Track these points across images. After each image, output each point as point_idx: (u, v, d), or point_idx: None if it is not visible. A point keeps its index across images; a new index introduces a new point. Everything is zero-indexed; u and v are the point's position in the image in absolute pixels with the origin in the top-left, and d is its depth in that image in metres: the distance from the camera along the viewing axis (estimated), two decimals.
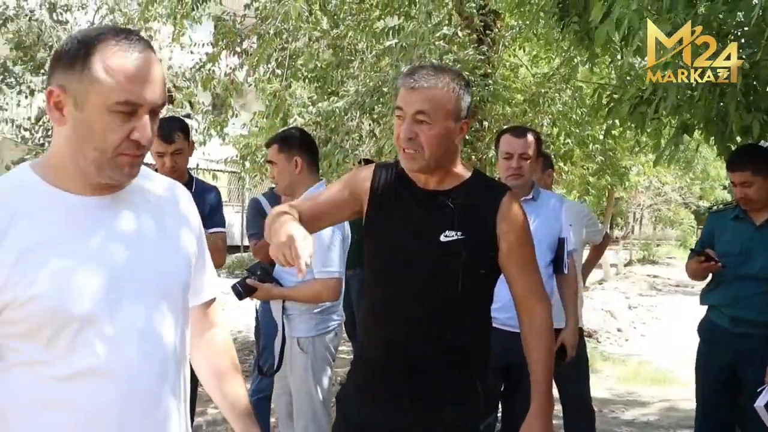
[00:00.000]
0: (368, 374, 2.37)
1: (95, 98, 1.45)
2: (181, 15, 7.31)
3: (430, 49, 5.67)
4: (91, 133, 1.47)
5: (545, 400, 2.30)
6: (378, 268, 2.35)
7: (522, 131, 3.76)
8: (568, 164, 8.55)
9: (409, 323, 2.25)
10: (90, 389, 1.48)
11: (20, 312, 1.43)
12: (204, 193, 4.09)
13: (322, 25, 7.66)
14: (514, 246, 2.27)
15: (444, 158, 2.23)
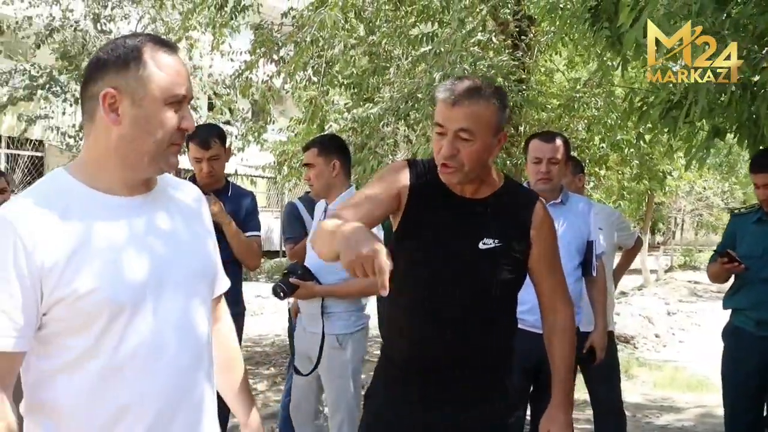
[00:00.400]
0: (398, 374, 2.43)
1: (153, 93, 1.58)
2: (219, 24, 7.46)
3: (462, 55, 5.74)
4: (151, 126, 1.59)
5: (566, 393, 2.40)
6: (414, 271, 2.37)
7: (551, 136, 3.81)
8: (603, 169, 8.54)
9: (444, 325, 2.31)
10: (135, 376, 1.59)
11: (75, 306, 1.52)
12: (240, 197, 4.20)
13: (359, 32, 7.77)
14: (544, 251, 2.37)
15: (482, 171, 2.28)
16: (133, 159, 1.61)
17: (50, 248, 1.50)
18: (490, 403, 2.35)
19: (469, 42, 6.58)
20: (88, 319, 1.54)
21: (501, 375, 2.39)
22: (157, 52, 1.61)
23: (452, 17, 5.81)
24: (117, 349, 1.57)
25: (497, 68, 6.62)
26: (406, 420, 2.36)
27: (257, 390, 7.27)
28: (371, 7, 7.52)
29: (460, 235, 2.31)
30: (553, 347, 2.43)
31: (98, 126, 1.61)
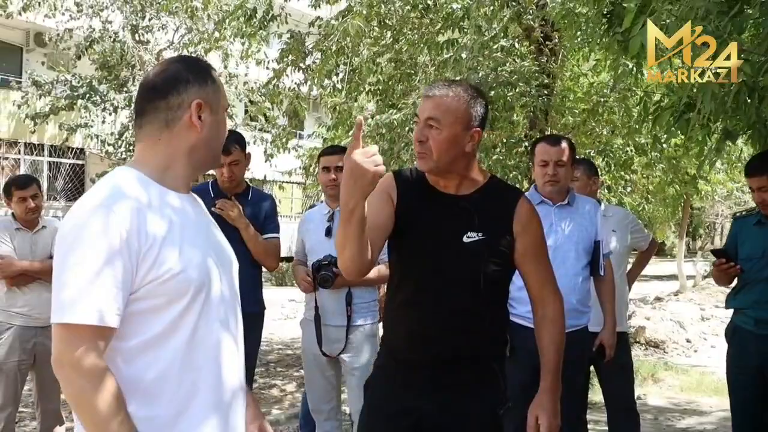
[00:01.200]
0: (394, 364, 2.56)
1: (223, 103, 1.92)
2: (248, 34, 7.64)
3: (479, 60, 5.83)
4: (221, 130, 1.93)
5: (555, 378, 2.51)
6: (406, 267, 2.54)
7: (556, 139, 3.92)
8: (629, 173, 8.54)
9: (435, 318, 2.44)
10: (208, 352, 1.82)
11: (163, 286, 1.72)
12: (260, 200, 4.36)
13: (385, 40, 7.90)
14: (529, 245, 2.47)
15: (455, 163, 2.42)
16: (205, 158, 1.91)
17: (144, 234, 1.69)
18: (481, 392, 2.46)
19: (492, 48, 6.67)
20: (173, 298, 1.74)
21: (491, 365, 2.50)
22: (213, 70, 1.94)
23: (470, 24, 5.90)
24: (196, 325, 1.78)
25: (519, 74, 6.69)
26: (401, 407, 2.47)
27: (286, 391, 7.42)
28: (396, 15, 7.64)
29: (446, 230, 2.45)
30: (543, 338, 2.54)
31: (176, 132, 1.84)
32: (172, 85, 1.84)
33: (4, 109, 18.67)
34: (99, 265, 1.63)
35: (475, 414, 2.44)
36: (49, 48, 18.05)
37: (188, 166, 1.88)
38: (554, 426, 2.44)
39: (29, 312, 4.54)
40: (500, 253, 2.44)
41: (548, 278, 2.55)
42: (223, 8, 11.85)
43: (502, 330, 2.57)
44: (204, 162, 1.92)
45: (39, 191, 4.67)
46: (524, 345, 3.58)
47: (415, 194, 2.52)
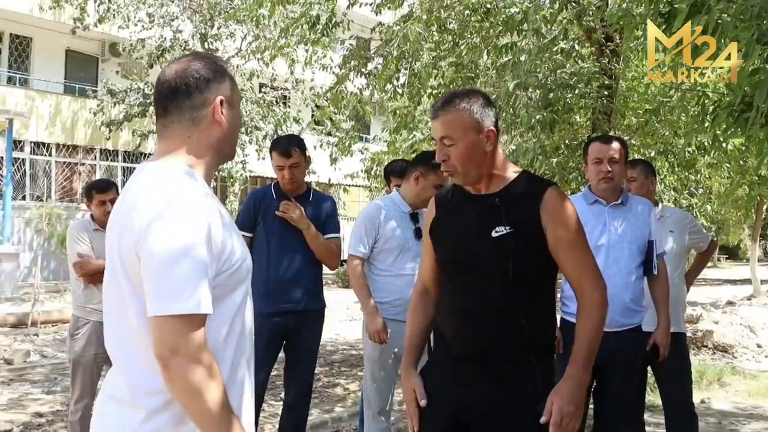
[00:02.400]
0: (444, 356, 2.66)
1: (237, 97, 2.02)
2: (312, 41, 7.82)
3: (536, 64, 5.86)
4: (239, 122, 2.04)
5: (581, 367, 2.45)
6: (445, 267, 2.68)
7: (609, 138, 3.99)
8: (692, 172, 8.42)
9: (469, 313, 2.54)
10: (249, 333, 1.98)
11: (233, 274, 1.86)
12: (321, 201, 4.51)
13: (446, 44, 7.98)
14: (560, 234, 2.49)
15: (481, 167, 2.53)
16: (228, 150, 2.01)
17: (217, 229, 1.80)
18: (517, 389, 2.48)
19: (552, 50, 6.69)
20: (237, 283, 1.88)
21: (529, 363, 2.51)
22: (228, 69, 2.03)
23: (529, 27, 5.95)
24: (246, 308, 1.95)
25: (579, 76, 6.69)
26: (445, 396, 2.57)
27: (349, 390, 7.56)
28: (456, 19, 7.71)
29: (477, 228, 2.54)
30: (580, 324, 2.51)
31: (203, 128, 1.92)
32: (195, 84, 1.91)
33: (81, 117, 19.37)
34: (194, 257, 1.72)
35: (509, 410, 2.47)
36: (123, 57, 18.69)
37: (216, 160, 1.99)
38: (567, 412, 2.38)
39: None
40: (530, 245, 2.48)
41: (586, 268, 2.54)
42: (288, 15, 12.13)
43: (542, 327, 2.58)
44: (227, 154, 2.04)
45: (117, 195, 4.89)
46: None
47: (450, 204, 2.69)
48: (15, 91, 18.80)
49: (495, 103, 6.39)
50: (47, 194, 18.78)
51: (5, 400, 6.73)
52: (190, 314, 1.69)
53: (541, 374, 2.51)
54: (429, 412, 2.61)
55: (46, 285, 15.01)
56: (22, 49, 19.83)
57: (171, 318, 1.68)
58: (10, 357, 8.54)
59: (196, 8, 16.98)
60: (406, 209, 4.26)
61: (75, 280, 4.81)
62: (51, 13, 16.20)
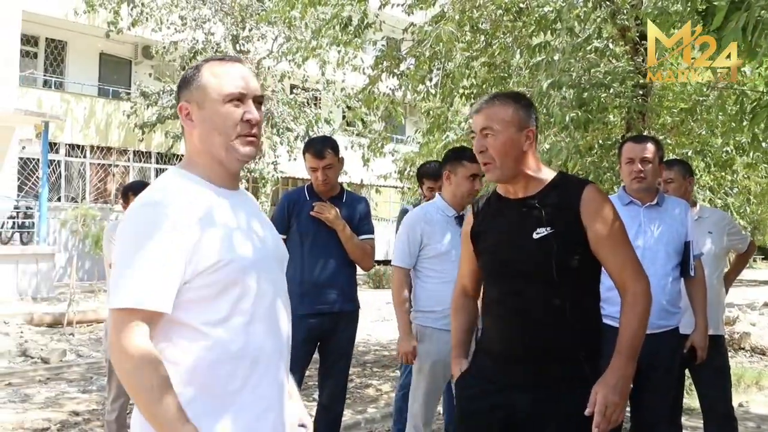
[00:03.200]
0: (488, 361, 2.66)
1: (210, 95, 1.94)
2: (344, 42, 7.83)
3: (571, 63, 5.81)
4: (214, 123, 1.94)
5: (624, 359, 2.45)
6: (487, 272, 2.72)
7: (642, 138, 3.97)
8: (729, 172, 8.30)
9: (519, 315, 2.54)
10: (263, 331, 1.94)
11: (218, 274, 1.84)
12: (355, 202, 4.51)
13: (479, 44, 7.94)
14: (601, 231, 2.50)
15: (517, 164, 2.55)
16: (215, 153, 1.96)
17: (193, 229, 1.82)
18: (568, 390, 2.48)
19: (586, 49, 6.63)
20: (225, 286, 1.85)
21: (579, 363, 2.51)
22: (213, 65, 1.99)
23: (563, 26, 5.90)
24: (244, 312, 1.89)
25: (613, 74, 6.62)
26: (492, 403, 2.56)
27: (382, 391, 7.56)
28: (489, 19, 7.67)
29: (518, 231, 2.56)
30: (623, 318, 2.52)
31: (186, 134, 2.01)
32: (176, 94, 2.06)
33: (115, 119, 19.61)
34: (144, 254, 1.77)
35: (562, 412, 2.47)
36: (156, 60, 18.86)
37: (214, 161, 1.96)
38: (611, 401, 2.37)
39: None
40: (572, 245, 2.49)
41: (628, 262, 2.55)
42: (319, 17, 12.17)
43: (589, 326, 2.59)
44: (219, 158, 1.95)
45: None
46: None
47: (489, 210, 2.72)
48: (51, 94, 19.08)
49: None
50: (82, 195, 19.02)
51: (42, 398, 6.82)
52: (124, 308, 1.75)
53: (592, 374, 2.51)
54: (477, 421, 2.60)
55: (81, 285, 15.21)
56: (57, 53, 20.13)
57: (112, 311, 1.78)
58: (47, 356, 8.66)
59: (228, 11, 17.10)
60: (450, 212, 4.16)
61: (111, 280, 4.86)
62: (85, 17, 16.42)
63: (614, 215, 2.54)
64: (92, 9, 15.75)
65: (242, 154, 1.97)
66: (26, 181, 17.43)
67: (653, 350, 3.59)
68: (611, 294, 3.69)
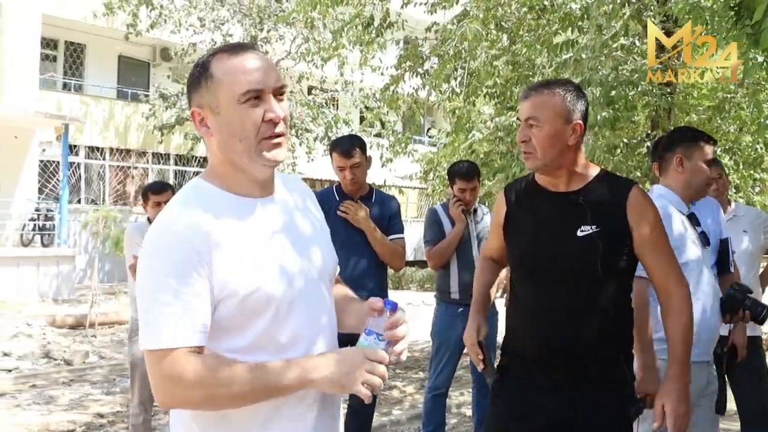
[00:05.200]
0: (523, 364, 2.56)
1: (224, 98, 1.67)
2: (367, 42, 7.79)
3: (601, 61, 5.74)
4: (233, 128, 1.68)
5: (682, 367, 2.43)
6: (524, 270, 2.59)
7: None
8: (758, 170, 8.19)
9: (557, 314, 2.46)
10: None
11: (241, 305, 1.65)
12: (384, 202, 4.46)
13: (502, 43, 7.88)
14: (646, 235, 2.45)
15: (560, 157, 2.46)
16: (238, 162, 1.71)
17: (217, 253, 1.62)
18: (608, 391, 2.43)
19: (612, 47, 6.56)
20: (253, 315, 1.66)
21: (618, 362, 2.47)
22: (222, 60, 1.70)
23: (591, 23, 5.82)
24: (280, 337, 1.70)
25: (641, 72, 6.55)
26: (531, 406, 2.49)
27: (406, 392, 7.50)
28: (513, 17, 7.61)
29: (559, 226, 2.47)
30: (669, 328, 2.48)
31: (206, 140, 1.77)
32: (187, 96, 1.79)
33: (134, 121, 19.67)
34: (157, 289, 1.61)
35: (603, 413, 2.42)
36: (174, 62, 18.92)
37: (236, 169, 1.73)
38: (680, 412, 2.37)
39: None
40: (617, 244, 2.43)
41: (671, 267, 2.51)
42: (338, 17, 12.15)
43: (627, 327, 2.55)
44: (242, 161, 1.71)
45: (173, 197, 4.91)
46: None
47: (525, 200, 2.60)
48: (70, 96, 19.17)
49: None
50: (102, 198, 19.10)
51: (66, 400, 6.82)
52: (154, 350, 1.59)
53: (630, 374, 2.49)
54: (517, 419, 2.53)
55: (101, 287, 15.26)
56: (76, 56, 20.22)
57: (147, 353, 1.62)
58: (70, 358, 8.68)
59: (246, 12, 17.11)
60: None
61: (132, 283, 4.85)
62: (104, 20, 16.46)
63: (658, 218, 2.51)
64: (111, 12, 15.78)
65: (269, 160, 1.71)
66: (46, 183, 17.52)
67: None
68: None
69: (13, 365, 8.28)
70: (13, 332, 10.19)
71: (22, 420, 6.11)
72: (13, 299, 13.31)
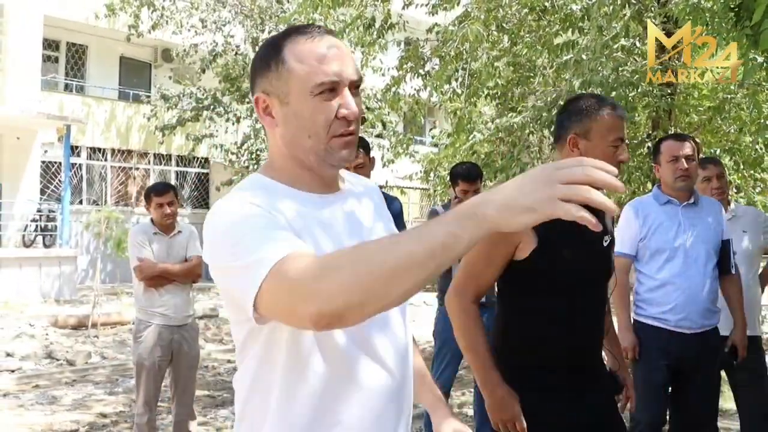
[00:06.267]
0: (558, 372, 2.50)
1: (296, 87, 1.49)
2: (368, 43, 7.82)
3: (601, 62, 5.77)
4: (302, 121, 1.50)
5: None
6: (561, 286, 2.47)
7: (683, 136, 3.95)
8: (758, 171, 8.22)
9: (590, 323, 2.55)
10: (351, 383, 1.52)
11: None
12: (389, 203, 4.47)
13: (503, 44, 7.92)
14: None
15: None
16: (303, 158, 1.54)
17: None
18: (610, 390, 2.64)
19: (612, 48, 6.59)
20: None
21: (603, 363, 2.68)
22: (296, 43, 1.50)
23: (592, 25, 5.85)
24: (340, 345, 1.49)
25: (641, 73, 6.58)
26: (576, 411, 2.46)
27: None
28: (514, 18, 7.64)
29: (591, 239, 2.37)
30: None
31: (268, 131, 1.60)
32: (250, 79, 1.60)
33: (136, 122, 19.69)
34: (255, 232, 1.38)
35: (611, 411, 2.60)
36: (176, 63, 18.94)
37: (299, 166, 1.56)
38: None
39: (166, 312, 4.81)
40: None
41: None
42: (339, 18, 12.17)
43: None
44: (308, 158, 1.54)
45: (175, 198, 4.93)
46: (660, 345, 3.69)
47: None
48: (72, 97, 19.18)
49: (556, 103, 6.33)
50: (103, 198, 19.13)
51: (70, 400, 6.85)
52: (267, 275, 1.30)
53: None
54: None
55: (103, 288, 15.30)
56: (78, 57, 20.24)
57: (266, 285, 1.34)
58: (72, 358, 8.71)
59: (248, 13, 17.13)
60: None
61: (137, 284, 4.87)
62: (106, 21, 16.49)
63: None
64: (113, 13, 15.82)
65: (339, 159, 1.53)
66: (48, 184, 17.55)
67: (699, 349, 3.64)
68: (652, 295, 3.70)
69: (16, 365, 8.31)
70: (15, 333, 10.23)
71: (25, 420, 6.14)
72: (15, 300, 13.36)
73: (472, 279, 2.50)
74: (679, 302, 3.64)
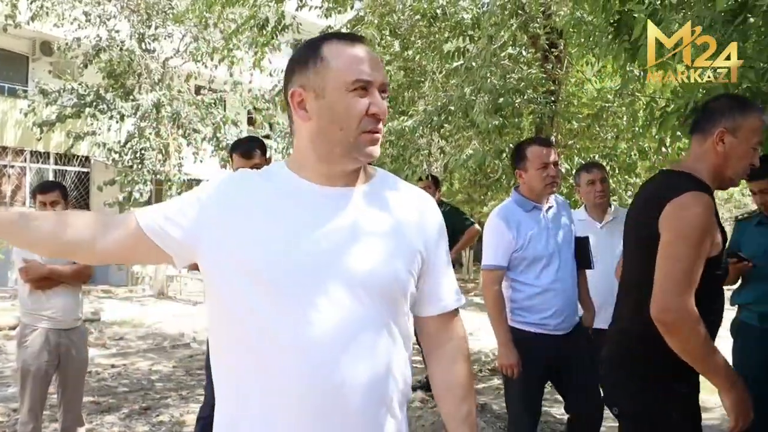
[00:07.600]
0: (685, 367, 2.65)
1: (334, 82, 1.63)
2: (261, 43, 7.80)
3: (491, 70, 5.99)
4: (336, 115, 1.63)
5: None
6: (718, 284, 2.61)
7: (547, 141, 4.08)
8: (633, 176, 8.68)
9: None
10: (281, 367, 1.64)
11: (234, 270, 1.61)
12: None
13: (394, 48, 8.06)
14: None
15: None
16: (326, 151, 1.66)
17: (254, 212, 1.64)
18: None
19: (500, 56, 6.83)
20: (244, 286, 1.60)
21: None
22: (335, 45, 1.67)
23: (482, 33, 6.06)
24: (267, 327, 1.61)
25: (526, 81, 6.84)
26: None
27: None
28: (406, 23, 7.79)
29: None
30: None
31: (297, 125, 1.71)
32: (285, 77, 1.74)
33: (11, 117, 18.82)
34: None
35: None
36: (56, 57, 18.24)
37: (318, 160, 1.69)
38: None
39: (54, 315, 4.65)
40: None
41: None
42: (229, 17, 12.04)
43: None
44: (328, 157, 1.67)
45: (60, 198, 4.72)
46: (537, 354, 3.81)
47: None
48: None
49: (446, 108, 6.46)
50: None
51: None
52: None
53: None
54: None
55: None
56: None
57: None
58: None
59: (134, 8, 16.69)
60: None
61: (21, 286, 4.70)
62: None
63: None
64: None
65: (365, 154, 1.66)
66: None
67: (571, 345, 3.85)
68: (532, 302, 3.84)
69: None
70: None
71: None
72: None
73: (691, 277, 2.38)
74: (558, 306, 3.76)
